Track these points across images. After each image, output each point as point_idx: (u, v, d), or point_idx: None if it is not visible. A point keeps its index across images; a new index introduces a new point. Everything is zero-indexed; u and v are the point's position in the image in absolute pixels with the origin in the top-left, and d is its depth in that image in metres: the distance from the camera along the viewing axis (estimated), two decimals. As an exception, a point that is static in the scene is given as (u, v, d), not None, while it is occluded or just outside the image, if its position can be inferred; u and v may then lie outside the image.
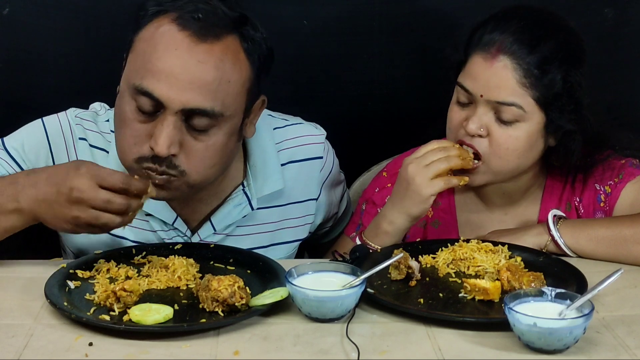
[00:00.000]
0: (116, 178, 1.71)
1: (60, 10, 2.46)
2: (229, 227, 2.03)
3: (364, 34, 2.52)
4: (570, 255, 1.98)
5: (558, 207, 2.11)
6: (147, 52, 1.80)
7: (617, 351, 1.57)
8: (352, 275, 1.71)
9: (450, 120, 2.06)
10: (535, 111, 1.98)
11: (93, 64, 2.48)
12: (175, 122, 1.79)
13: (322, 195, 2.13)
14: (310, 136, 2.11)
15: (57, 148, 1.98)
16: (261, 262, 1.87)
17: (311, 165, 2.09)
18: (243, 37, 1.84)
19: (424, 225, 2.17)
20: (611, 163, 2.10)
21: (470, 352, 1.57)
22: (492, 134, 1.98)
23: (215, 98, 1.80)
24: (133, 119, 1.82)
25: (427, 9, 2.51)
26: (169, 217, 1.99)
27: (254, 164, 2.02)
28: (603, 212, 2.10)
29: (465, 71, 2.02)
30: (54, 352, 1.55)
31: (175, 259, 1.84)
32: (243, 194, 2.01)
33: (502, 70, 1.96)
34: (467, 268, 1.88)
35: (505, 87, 1.96)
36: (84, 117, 2.02)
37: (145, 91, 1.79)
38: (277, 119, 2.10)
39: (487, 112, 1.98)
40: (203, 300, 1.67)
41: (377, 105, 2.57)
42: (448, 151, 1.97)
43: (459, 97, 2.03)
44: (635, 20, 2.53)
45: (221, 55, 1.80)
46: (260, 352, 1.56)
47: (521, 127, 1.98)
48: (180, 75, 1.77)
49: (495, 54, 1.97)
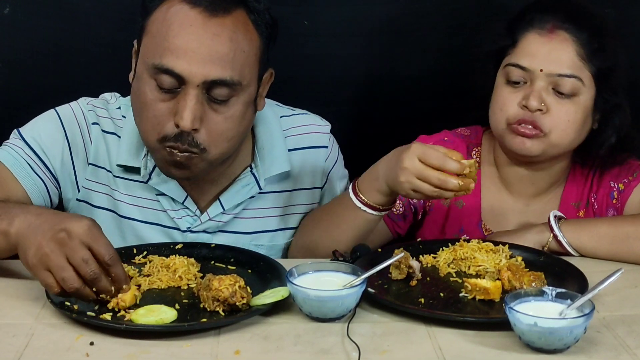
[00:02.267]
0: (108, 250, 1.65)
1: (60, 10, 2.46)
2: (237, 206, 2.07)
3: (364, 34, 2.52)
4: (572, 254, 1.98)
5: (578, 201, 2.16)
6: (162, 31, 1.85)
7: (618, 351, 1.57)
8: (352, 274, 1.72)
9: (502, 102, 2.07)
10: (591, 85, 2.04)
11: (93, 63, 2.48)
12: (198, 96, 1.84)
13: (327, 184, 2.17)
14: (316, 125, 2.16)
15: (72, 133, 2.02)
16: (262, 262, 1.87)
17: (316, 153, 2.14)
18: (249, 10, 1.91)
19: (447, 203, 2.19)
20: (629, 163, 2.16)
21: (470, 351, 1.57)
22: (552, 108, 2.03)
23: (233, 68, 1.86)
24: (154, 98, 1.86)
25: (427, 9, 2.51)
26: (179, 195, 2.03)
27: (262, 147, 2.08)
28: (615, 209, 2.13)
29: (517, 51, 2.07)
30: (55, 352, 1.55)
31: (176, 259, 1.84)
32: (251, 175, 2.06)
33: (561, 43, 2.03)
34: (467, 268, 1.88)
35: (565, 59, 2.02)
36: (95, 105, 2.07)
37: (166, 68, 1.83)
38: (284, 108, 2.17)
39: (545, 87, 2.03)
40: (204, 300, 1.67)
41: (379, 105, 2.58)
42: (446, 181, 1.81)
43: (510, 77, 2.06)
44: (635, 20, 2.53)
45: (233, 27, 1.86)
46: (261, 352, 1.56)
47: (578, 101, 2.04)
48: (198, 50, 1.83)
49: (552, 29, 2.03)
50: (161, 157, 1.90)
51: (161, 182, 2.01)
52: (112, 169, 2.04)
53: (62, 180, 2.02)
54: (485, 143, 2.23)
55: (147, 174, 2.01)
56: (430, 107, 2.52)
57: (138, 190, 2.04)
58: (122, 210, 2.04)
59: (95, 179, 2.04)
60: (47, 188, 1.99)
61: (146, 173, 2.01)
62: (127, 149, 2.01)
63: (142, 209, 2.05)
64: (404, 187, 1.84)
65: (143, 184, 2.03)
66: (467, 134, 2.25)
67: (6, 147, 2.01)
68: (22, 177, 1.96)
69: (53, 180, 2.00)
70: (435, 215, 2.20)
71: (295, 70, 2.48)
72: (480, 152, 2.22)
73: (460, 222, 2.19)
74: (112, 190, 2.04)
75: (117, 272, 1.66)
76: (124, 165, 2.02)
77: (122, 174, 2.03)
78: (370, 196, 1.94)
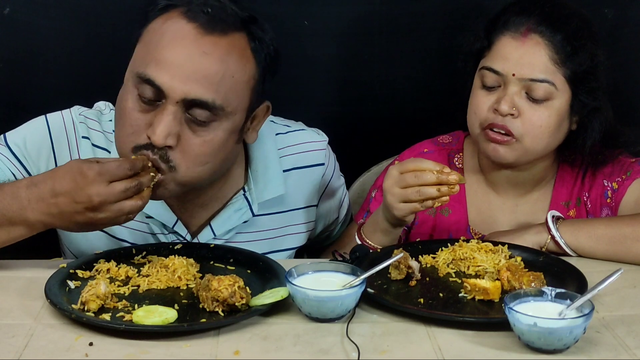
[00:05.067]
0: (123, 168, 1.72)
1: (60, 10, 2.47)
2: (229, 232, 2.02)
3: (364, 34, 2.52)
4: (570, 254, 1.98)
5: (568, 200, 2.14)
6: (154, 41, 1.81)
7: (617, 351, 1.57)
8: (352, 275, 1.72)
9: (476, 106, 2.06)
10: (565, 89, 2.02)
11: (93, 64, 2.48)
12: (175, 113, 1.78)
13: (322, 202, 2.14)
14: (313, 143, 2.10)
15: (59, 145, 1.97)
16: (261, 262, 1.87)
17: (313, 172, 2.09)
18: (251, 36, 1.85)
19: (433, 213, 2.18)
20: (621, 161, 2.14)
21: (470, 352, 1.57)
22: (524, 113, 2.01)
23: (218, 91, 1.79)
24: (133, 108, 1.82)
25: (427, 9, 2.51)
26: (169, 220, 1.99)
27: (256, 169, 2.02)
28: (609, 208, 2.12)
29: (491, 54, 2.05)
30: (54, 352, 1.55)
31: (176, 259, 1.84)
32: (244, 199, 2.01)
33: (534, 47, 2.00)
34: (467, 268, 1.88)
35: (537, 64, 2.00)
36: (88, 116, 2.01)
37: (148, 79, 1.79)
38: (279, 125, 2.10)
39: (518, 92, 2.01)
40: (203, 300, 1.67)
41: (377, 106, 2.57)
42: (425, 178, 1.86)
43: (484, 81, 2.05)
44: (635, 20, 2.53)
45: (227, 49, 1.81)
46: (261, 352, 1.56)
47: (552, 105, 2.01)
48: (184, 65, 1.78)
49: (525, 32, 2.01)
50: None
51: (150, 205, 1.86)
52: None
53: None
54: (467, 148, 2.22)
55: None
56: (429, 108, 2.52)
57: None
58: (112, 230, 1.99)
59: None
60: None
61: None
62: None
63: (131, 231, 2.00)
64: (392, 203, 1.89)
65: None
66: (449, 141, 2.24)
67: None
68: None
69: None
70: (422, 228, 2.18)
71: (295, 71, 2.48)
72: (462, 159, 2.21)
73: (448, 230, 2.17)
74: None
75: (138, 165, 1.74)
76: None
77: None
78: (374, 239, 2.00)
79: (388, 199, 1.91)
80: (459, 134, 2.24)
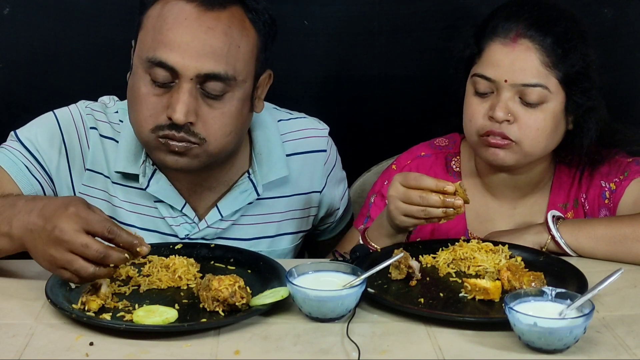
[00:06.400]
0: (103, 226, 1.64)
1: (60, 10, 2.47)
2: (235, 213, 2.06)
3: (364, 34, 2.52)
4: (570, 254, 1.98)
5: (566, 202, 2.14)
6: (157, 25, 1.86)
7: (617, 351, 1.57)
8: (352, 275, 1.72)
9: (471, 114, 2.05)
10: (559, 91, 2.01)
11: (93, 64, 2.48)
12: (191, 90, 1.84)
13: (326, 188, 2.16)
14: (314, 129, 2.15)
15: (69, 137, 2.01)
16: (262, 262, 1.87)
17: (315, 157, 2.13)
18: (247, 8, 1.91)
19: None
20: (618, 161, 2.13)
21: (470, 351, 1.57)
22: (520, 118, 2.00)
23: (227, 62, 1.86)
24: (147, 92, 1.87)
25: (426, 9, 2.51)
26: (178, 202, 2.02)
27: (260, 152, 2.07)
28: (607, 208, 2.11)
29: (482, 61, 2.04)
30: (55, 352, 1.55)
31: (176, 259, 1.84)
32: (249, 181, 2.05)
33: (524, 52, 1.99)
34: (467, 268, 1.88)
35: (529, 69, 1.99)
36: (94, 108, 2.06)
37: (159, 61, 1.84)
38: (281, 112, 2.16)
39: (511, 97, 2.00)
40: (203, 300, 1.67)
41: (377, 105, 2.58)
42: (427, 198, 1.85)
43: (477, 88, 2.04)
44: (635, 20, 2.53)
45: (228, 22, 1.87)
46: (261, 352, 1.56)
47: (546, 108, 2.01)
48: (192, 43, 1.84)
49: (515, 38, 2.00)
50: (156, 147, 1.88)
51: (159, 189, 2.00)
52: (110, 175, 2.02)
53: (57, 183, 2.00)
54: (464, 151, 2.22)
55: (146, 181, 1.99)
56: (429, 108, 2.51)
57: (136, 197, 2.02)
58: (121, 216, 2.02)
59: (92, 185, 2.02)
60: (43, 190, 1.98)
61: (145, 180, 1.99)
62: (125, 155, 1.99)
63: (140, 216, 2.03)
64: (395, 215, 1.90)
65: (141, 191, 2.01)
66: (445, 144, 2.23)
67: (3, 149, 1.99)
68: (19, 179, 1.95)
69: (49, 182, 1.99)
70: (420, 233, 2.17)
71: (295, 70, 2.48)
72: (459, 162, 2.21)
73: (446, 234, 2.16)
74: (111, 196, 2.02)
75: (122, 239, 1.65)
76: (123, 172, 2.01)
77: (120, 180, 2.02)
78: (379, 243, 1.99)
79: (392, 209, 1.91)
80: (455, 137, 2.24)
